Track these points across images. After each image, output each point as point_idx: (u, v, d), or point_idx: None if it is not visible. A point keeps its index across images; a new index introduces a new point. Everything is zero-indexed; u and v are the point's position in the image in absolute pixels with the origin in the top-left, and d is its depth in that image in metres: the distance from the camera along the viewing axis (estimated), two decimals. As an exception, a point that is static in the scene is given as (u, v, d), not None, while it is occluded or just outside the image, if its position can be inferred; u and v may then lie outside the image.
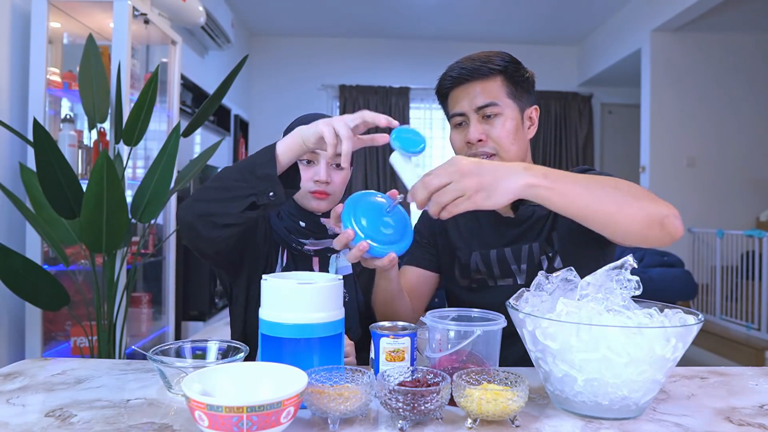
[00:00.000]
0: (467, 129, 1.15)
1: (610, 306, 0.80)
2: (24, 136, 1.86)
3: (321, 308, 0.82)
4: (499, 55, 1.17)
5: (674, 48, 4.78)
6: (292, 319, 0.81)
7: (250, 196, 0.94)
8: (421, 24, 5.56)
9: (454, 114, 1.18)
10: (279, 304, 0.82)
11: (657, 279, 3.94)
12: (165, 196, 2.01)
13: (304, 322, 0.81)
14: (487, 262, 1.20)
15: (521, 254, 1.18)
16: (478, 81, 1.14)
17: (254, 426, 0.65)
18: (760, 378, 1.00)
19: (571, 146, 6.11)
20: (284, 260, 1.22)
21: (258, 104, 6.00)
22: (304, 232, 1.21)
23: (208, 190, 0.99)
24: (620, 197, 0.88)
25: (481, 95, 1.14)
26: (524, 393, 0.74)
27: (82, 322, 2.11)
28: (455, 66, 1.18)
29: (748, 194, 4.93)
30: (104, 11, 2.34)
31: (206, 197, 0.98)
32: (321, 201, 1.19)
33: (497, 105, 1.13)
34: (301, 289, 0.81)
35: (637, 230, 0.89)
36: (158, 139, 2.76)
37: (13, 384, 0.92)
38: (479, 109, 1.14)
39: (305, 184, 1.17)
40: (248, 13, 5.29)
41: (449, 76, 1.18)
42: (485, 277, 1.20)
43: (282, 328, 0.81)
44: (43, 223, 1.90)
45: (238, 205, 0.94)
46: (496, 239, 1.21)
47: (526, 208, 1.18)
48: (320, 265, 1.23)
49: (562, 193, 0.85)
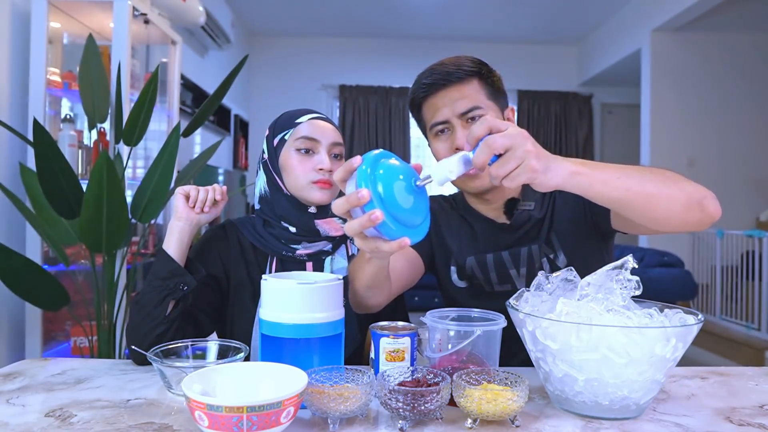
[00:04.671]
0: (452, 136, 1.10)
1: (610, 306, 0.80)
2: (24, 136, 1.86)
3: (321, 308, 0.81)
4: (467, 58, 1.13)
5: (674, 48, 4.78)
6: (292, 319, 0.80)
7: (166, 297, 1.02)
8: (421, 24, 5.56)
9: (435, 123, 1.11)
10: (279, 304, 0.81)
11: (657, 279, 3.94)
12: (165, 196, 2.01)
13: (304, 322, 0.80)
14: (484, 266, 1.15)
15: (520, 257, 1.14)
16: (454, 86, 1.09)
17: (254, 426, 0.65)
18: (760, 378, 1.00)
19: (571, 146, 6.11)
20: (273, 269, 1.15)
21: (258, 104, 6.00)
22: (294, 237, 1.15)
23: (133, 318, 1.06)
24: (659, 179, 0.85)
25: (463, 100, 1.09)
26: (524, 393, 0.74)
27: (82, 322, 2.11)
28: (426, 73, 1.13)
29: (748, 194, 4.93)
30: (104, 11, 2.34)
31: (135, 323, 1.05)
32: (324, 191, 1.12)
33: (481, 108, 1.09)
34: (300, 290, 0.81)
35: (678, 213, 0.86)
36: (158, 139, 2.76)
37: (13, 384, 0.92)
38: (463, 114, 1.09)
39: (306, 175, 1.12)
40: (248, 13, 5.29)
41: (422, 83, 1.12)
42: (481, 282, 1.16)
43: (282, 328, 0.81)
44: (43, 223, 1.90)
45: (161, 310, 1.03)
46: (492, 244, 1.17)
47: (521, 214, 1.15)
48: (314, 269, 1.16)
49: (603, 180, 0.81)
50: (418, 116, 1.17)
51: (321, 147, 1.13)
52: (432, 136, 1.14)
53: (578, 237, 1.13)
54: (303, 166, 1.12)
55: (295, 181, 1.13)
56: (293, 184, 1.14)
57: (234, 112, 5.19)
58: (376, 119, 6.03)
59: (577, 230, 1.14)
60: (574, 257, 1.12)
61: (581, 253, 1.12)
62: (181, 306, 1.05)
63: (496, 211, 1.18)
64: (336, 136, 1.17)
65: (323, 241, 1.16)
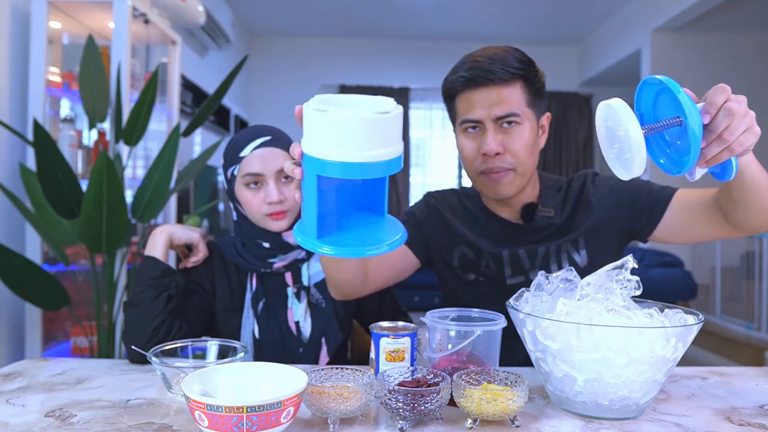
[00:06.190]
0: (482, 138, 1.05)
1: (610, 306, 0.80)
2: (24, 136, 1.86)
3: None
4: (515, 54, 1.05)
5: (674, 48, 4.78)
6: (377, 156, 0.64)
7: (162, 293, 1.09)
8: (421, 24, 5.56)
9: (467, 120, 1.06)
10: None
11: (657, 279, 3.94)
12: (165, 196, 2.01)
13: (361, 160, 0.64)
14: (498, 260, 1.14)
15: (537, 255, 1.13)
16: (495, 86, 1.02)
17: (254, 426, 0.65)
18: (760, 378, 1.00)
19: (571, 146, 6.11)
20: (253, 284, 1.20)
21: (258, 104, 6.00)
22: (270, 252, 1.19)
23: (129, 318, 1.10)
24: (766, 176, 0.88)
25: (501, 104, 1.02)
26: (524, 393, 0.74)
27: (82, 322, 2.11)
28: (468, 64, 1.04)
29: (748, 194, 4.92)
30: (104, 11, 2.34)
31: (132, 321, 1.09)
32: (280, 221, 1.15)
33: (518, 115, 1.03)
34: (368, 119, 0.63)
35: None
36: (158, 139, 2.76)
37: (13, 384, 0.92)
38: (498, 119, 1.03)
39: (259, 209, 1.14)
40: (248, 13, 5.29)
41: (461, 75, 1.04)
42: (494, 274, 1.15)
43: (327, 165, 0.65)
44: (43, 223, 1.90)
45: (158, 303, 1.08)
46: (507, 240, 1.16)
47: (541, 219, 1.13)
48: (293, 278, 1.20)
49: (754, 160, 0.84)
50: (450, 105, 1.11)
51: (268, 178, 1.14)
52: (461, 131, 1.09)
53: (604, 241, 1.14)
54: (254, 200, 1.15)
55: (251, 214, 1.17)
56: (250, 215, 1.17)
57: (234, 112, 5.18)
58: (376, 119, 6.03)
59: (606, 234, 1.15)
60: (595, 258, 1.12)
61: (603, 255, 1.12)
62: (174, 302, 1.11)
63: (513, 214, 1.16)
64: (282, 161, 1.13)
65: (296, 250, 1.20)
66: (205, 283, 1.21)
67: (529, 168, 1.08)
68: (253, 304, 1.18)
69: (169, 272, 1.11)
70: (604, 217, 1.14)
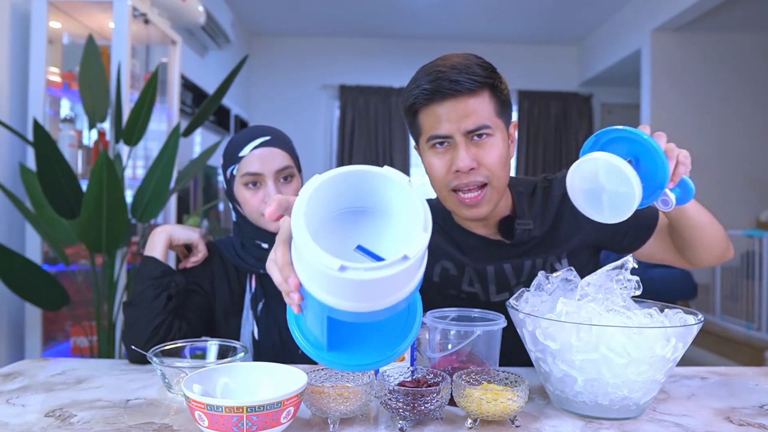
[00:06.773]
0: (453, 153, 0.98)
1: (610, 306, 0.80)
2: (24, 136, 1.86)
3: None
4: (477, 61, 0.99)
5: (674, 48, 4.78)
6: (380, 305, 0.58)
7: (162, 292, 1.09)
8: (421, 24, 5.56)
9: (435, 136, 0.98)
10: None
11: (657, 279, 3.94)
12: (165, 196, 2.01)
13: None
14: (483, 277, 1.11)
15: (523, 270, 1.10)
16: (462, 97, 0.95)
17: (254, 426, 0.65)
18: (760, 378, 1.00)
19: (571, 146, 6.11)
20: (253, 285, 1.19)
21: (258, 104, 6.00)
22: (268, 253, 1.17)
23: (129, 318, 1.10)
24: (709, 215, 1.01)
25: (471, 116, 0.96)
26: (524, 393, 0.74)
27: (82, 322, 2.12)
28: (430, 76, 0.97)
29: (748, 194, 4.92)
30: (104, 11, 2.34)
31: (132, 321, 1.09)
32: (279, 221, 1.14)
33: (489, 127, 0.97)
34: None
35: (719, 245, 1.05)
36: (158, 139, 2.76)
37: (13, 384, 0.92)
38: (469, 132, 0.97)
39: (257, 209, 1.13)
40: (248, 13, 5.29)
41: (424, 88, 0.97)
42: (477, 292, 1.11)
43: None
44: (43, 223, 1.90)
45: (158, 303, 1.08)
46: (490, 257, 1.11)
47: (521, 233, 1.08)
48: None
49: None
50: (413, 121, 1.03)
51: (267, 178, 1.13)
52: (428, 147, 1.01)
53: (588, 257, 1.14)
54: (253, 200, 1.14)
55: (250, 214, 1.17)
56: (249, 215, 1.17)
57: (234, 112, 5.18)
58: (376, 119, 6.02)
59: (592, 250, 1.15)
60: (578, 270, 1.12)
61: (584, 267, 1.08)
62: (174, 302, 1.10)
63: (489, 229, 1.11)
64: (281, 161, 1.14)
65: None
66: (205, 284, 1.21)
67: (504, 181, 1.02)
68: (253, 305, 1.18)
69: (169, 272, 1.12)
70: (593, 234, 1.10)
